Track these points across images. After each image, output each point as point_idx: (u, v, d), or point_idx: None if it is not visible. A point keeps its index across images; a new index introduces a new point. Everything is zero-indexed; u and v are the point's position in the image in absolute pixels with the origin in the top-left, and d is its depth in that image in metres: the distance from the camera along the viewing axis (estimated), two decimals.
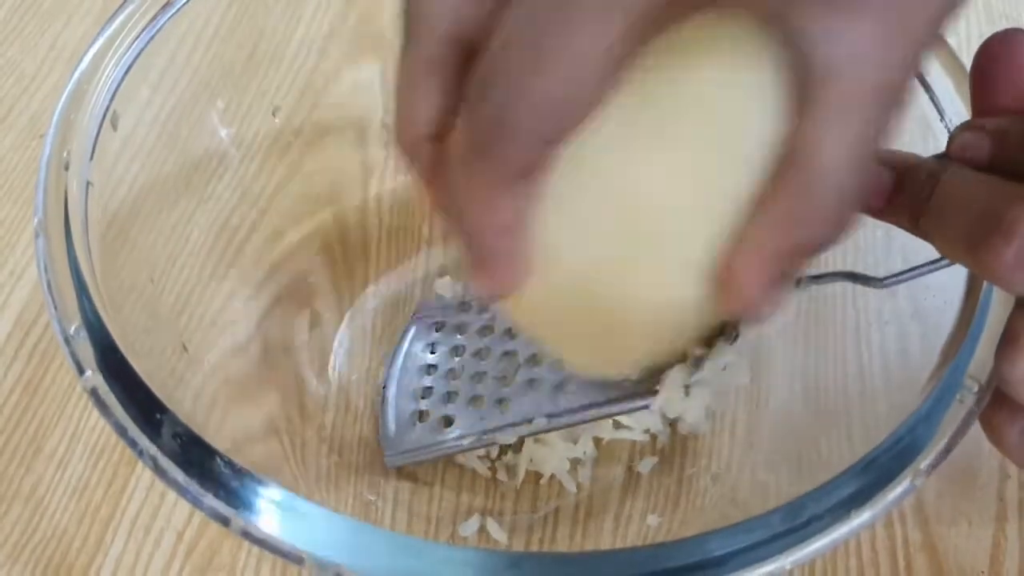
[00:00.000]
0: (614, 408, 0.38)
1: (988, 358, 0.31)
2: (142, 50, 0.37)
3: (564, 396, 0.39)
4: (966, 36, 0.56)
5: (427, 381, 0.43)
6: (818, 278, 0.36)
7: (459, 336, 0.44)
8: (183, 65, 0.40)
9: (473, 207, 0.26)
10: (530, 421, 0.39)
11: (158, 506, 0.42)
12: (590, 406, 0.38)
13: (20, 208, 0.51)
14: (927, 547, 0.42)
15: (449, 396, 0.42)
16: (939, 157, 0.32)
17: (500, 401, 0.41)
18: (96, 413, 0.44)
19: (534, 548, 0.41)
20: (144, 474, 0.43)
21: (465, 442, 0.41)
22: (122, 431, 0.29)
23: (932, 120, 0.38)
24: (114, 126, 0.36)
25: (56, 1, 0.59)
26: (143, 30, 0.37)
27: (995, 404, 0.31)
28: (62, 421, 0.45)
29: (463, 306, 0.45)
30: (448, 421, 0.42)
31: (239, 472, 0.28)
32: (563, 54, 0.23)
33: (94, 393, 0.29)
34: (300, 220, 0.46)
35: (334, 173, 0.47)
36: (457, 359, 0.43)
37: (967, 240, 0.28)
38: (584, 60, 0.23)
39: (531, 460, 0.42)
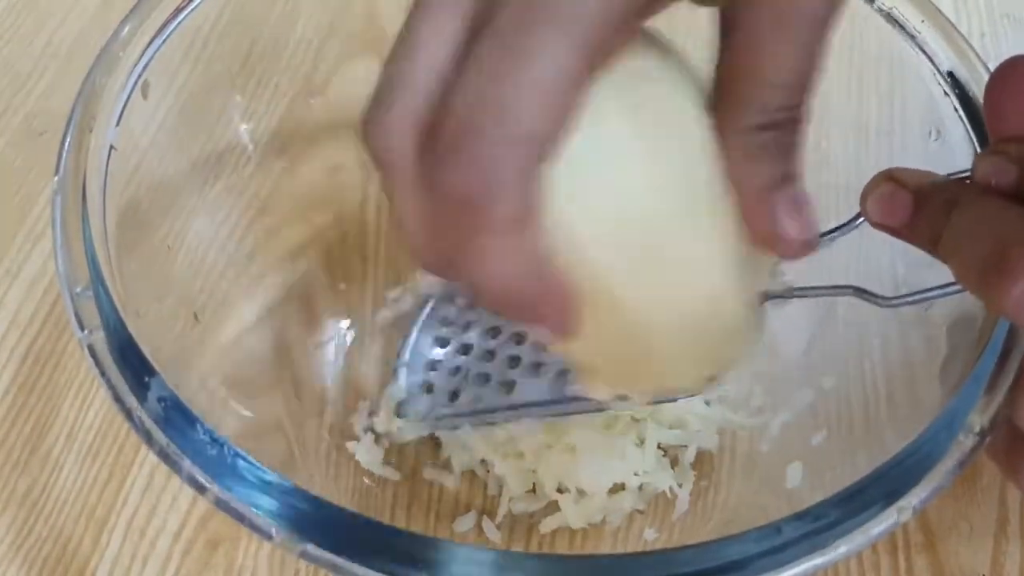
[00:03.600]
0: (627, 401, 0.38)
1: (994, 399, 0.30)
2: (174, 28, 0.38)
3: (570, 384, 0.39)
4: (967, 35, 0.56)
5: (438, 355, 0.43)
6: (825, 289, 0.36)
7: (472, 314, 0.44)
8: (199, 51, 0.40)
9: (489, 266, 0.24)
10: (535, 405, 0.39)
11: (154, 508, 0.42)
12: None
13: (15, 207, 0.51)
14: (928, 549, 0.42)
15: (458, 371, 0.42)
16: (961, 179, 0.32)
17: (507, 383, 0.41)
18: (92, 414, 0.44)
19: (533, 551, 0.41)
20: (140, 476, 0.43)
21: (468, 419, 0.41)
22: (113, 390, 0.30)
23: (931, 85, 0.38)
24: (144, 95, 0.36)
25: None
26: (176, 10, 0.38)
27: (1013, 441, 0.31)
28: (58, 422, 0.44)
29: None
30: (455, 395, 0.42)
31: (218, 441, 0.29)
32: (526, 88, 0.23)
33: (91, 350, 0.30)
34: (298, 220, 0.45)
35: (333, 172, 0.47)
36: (469, 334, 0.43)
37: (980, 272, 0.28)
38: (548, 88, 0.23)
39: (534, 471, 0.42)
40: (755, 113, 0.27)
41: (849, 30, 0.42)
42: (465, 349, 0.43)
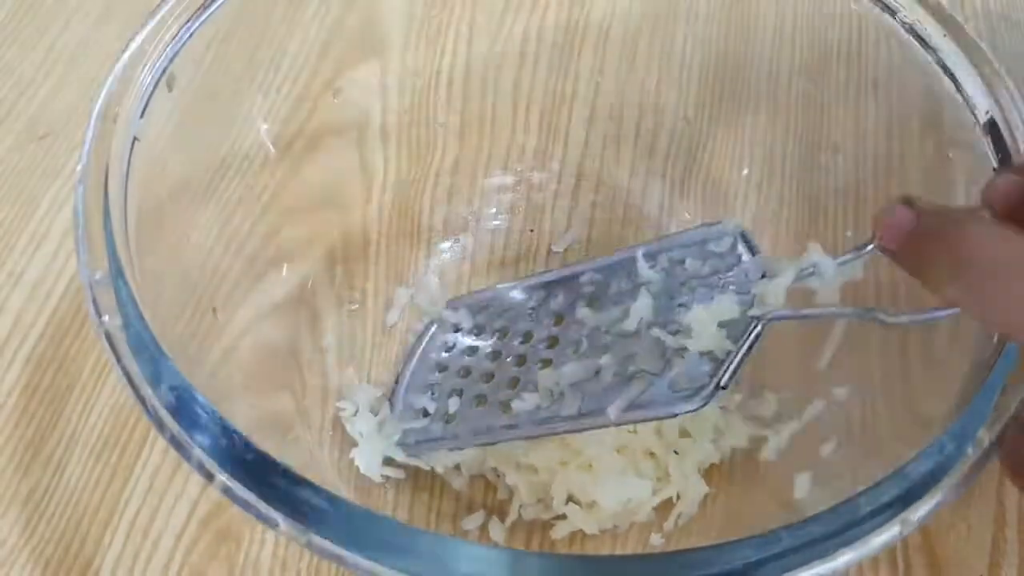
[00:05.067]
0: (624, 418, 0.38)
1: (1003, 414, 0.30)
2: (201, 22, 0.38)
3: (568, 403, 0.39)
4: None
5: (436, 378, 0.44)
6: (831, 312, 0.36)
7: (475, 338, 0.44)
8: (219, 47, 0.40)
9: None
10: (527, 425, 0.39)
11: (156, 508, 0.42)
12: (594, 413, 0.38)
13: (19, 209, 0.51)
14: (926, 549, 0.42)
15: (454, 393, 0.43)
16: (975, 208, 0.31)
17: (504, 403, 0.41)
18: (95, 416, 0.45)
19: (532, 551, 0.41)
20: (142, 476, 0.43)
21: (463, 440, 0.41)
22: (127, 377, 0.30)
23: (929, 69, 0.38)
24: (169, 87, 0.37)
25: (55, 3, 0.59)
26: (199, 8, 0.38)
27: (1020, 443, 0.30)
28: (60, 424, 0.44)
29: (483, 309, 0.45)
30: (449, 418, 0.42)
31: (228, 431, 0.29)
32: None
33: (107, 336, 0.31)
34: (298, 222, 0.46)
35: (334, 174, 0.47)
36: (470, 359, 0.44)
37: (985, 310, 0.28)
38: None
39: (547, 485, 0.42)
40: None
41: (870, 42, 0.42)
42: (465, 372, 0.43)
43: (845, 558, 0.28)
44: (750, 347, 0.36)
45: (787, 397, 0.42)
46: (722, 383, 0.36)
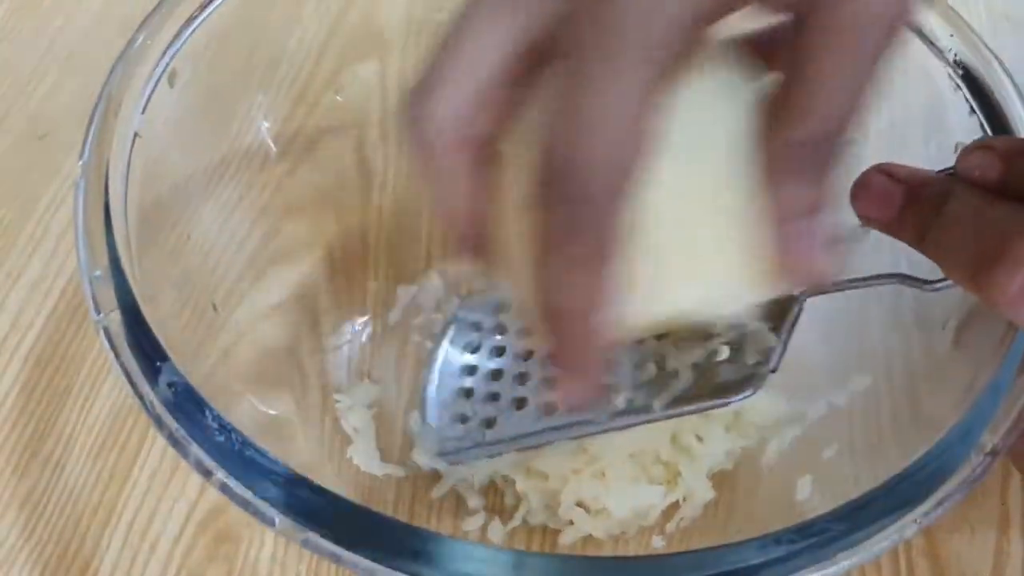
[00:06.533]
0: (672, 411, 0.37)
1: (1008, 416, 0.30)
2: (204, 19, 0.38)
3: (612, 400, 0.38)
4: None
5: (468, 382, 0.43)
6: (867, 280, 0.36)
7: (499, 337, 0.43)
8: (222, 44, 0.40)
9: (570, 291, 0.26)
10: (574, 425, 0.39)
11: (155, 509, 0.42)
12: (639, 410, 0.38)
13: (18, 209, 0.51)
14: (929, 552, 0.42)
15: (491, 397, 0.42)
16: (949, 173, 0.31)
17: (547, 405, 0.40)
18: (93, 417, 0.44)
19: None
20: (141, 478, 0.43)
21: (504, 445, 0.40)
22: (126, 373, 0.30)
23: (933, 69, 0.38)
24: (171, 83, 0.37)
25: (55, 1, 0.59)
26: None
27: None
28: (58, 424, 0.44)
29: (502, 307, 0.45)
30: (489, 423, 0.41)
31: (225, 428, 0.29)
32: (607, 119, 0.24)
33: (106, 332, 0.31)
34: (298, 222, 0.45)
35: (334, 173, 0.47)
36: (499, 359, 0.43)
37: (972, 268, 0.28)
38: (627, 117, 0.24)
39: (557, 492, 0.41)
40: (799, 128, 0.26)
41: None
42: (496, 375, 0.42)
43: (847, 561, 0.28)
44: (792, 327, 0.36)
45: (789, 399, 0.42)
46: (772, 367, 0.36)
